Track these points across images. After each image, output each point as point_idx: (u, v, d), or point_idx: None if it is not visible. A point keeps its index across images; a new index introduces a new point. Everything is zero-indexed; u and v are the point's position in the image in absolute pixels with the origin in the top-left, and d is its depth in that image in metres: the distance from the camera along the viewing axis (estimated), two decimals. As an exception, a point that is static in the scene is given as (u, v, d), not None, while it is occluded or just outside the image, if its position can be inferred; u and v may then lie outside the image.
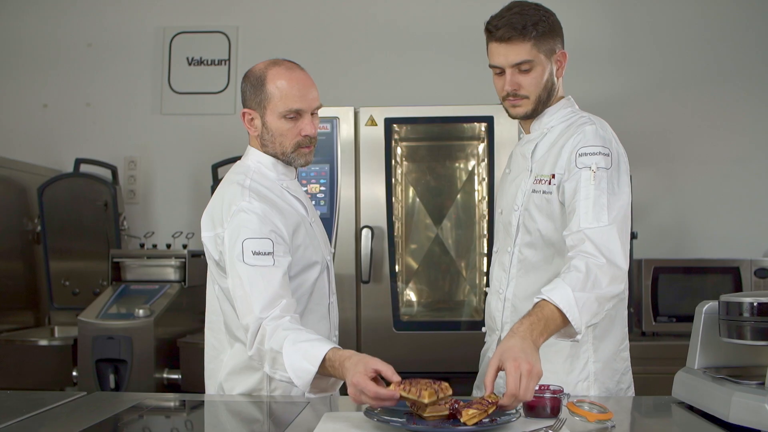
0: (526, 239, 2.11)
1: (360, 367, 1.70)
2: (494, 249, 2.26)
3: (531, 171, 2.12)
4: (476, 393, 2.30)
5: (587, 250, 1.91)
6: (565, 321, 1.83)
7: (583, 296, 1.84)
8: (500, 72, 2.10)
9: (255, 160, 2.13)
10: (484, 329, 2.34)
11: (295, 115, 2.05)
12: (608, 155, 2.00)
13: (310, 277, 2.10)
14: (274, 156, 2.11)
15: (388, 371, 1.69)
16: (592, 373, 2.08)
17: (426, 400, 1.60)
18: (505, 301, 2.14)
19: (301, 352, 1.82)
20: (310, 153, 2.12)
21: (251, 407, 2.00)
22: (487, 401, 1.66)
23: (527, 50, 2.04)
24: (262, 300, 1.91)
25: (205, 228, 2.07)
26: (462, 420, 1.59)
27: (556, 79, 2.12)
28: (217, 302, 2.13)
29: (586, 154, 1.99)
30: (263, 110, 2.07)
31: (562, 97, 2.17)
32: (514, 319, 2.11)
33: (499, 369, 1.71)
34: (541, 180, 2.08)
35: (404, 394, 1.63)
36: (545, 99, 2.11)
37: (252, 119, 2.10)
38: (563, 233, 1.98)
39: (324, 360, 1.79)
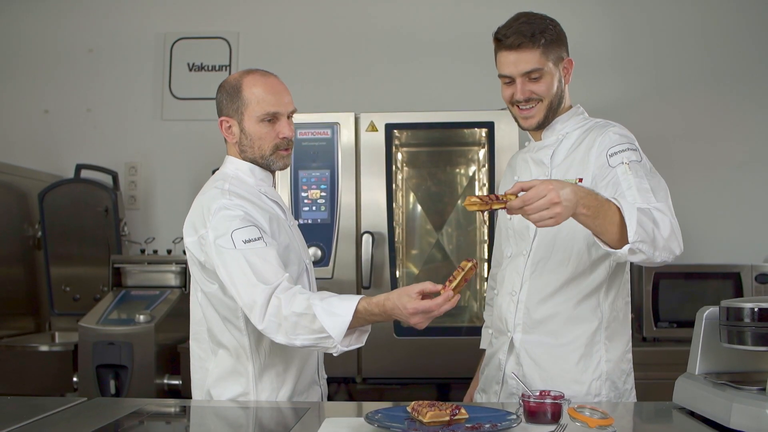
0: (544, 242, 2.12)
1: (405, 298, 1.82)
2: (506, 254, 2.26)
3: (551, 177, 2.13)
4: (480, 397, 2.29)
5: (652, 206, 1.91)
6: (619, 226, 1.80)
7: (644, 219, 1.82)
8: (509, 81, 2.11)
9: (233, 167, 2.17)
10: (489, 330, 2.34)
11: (272, 118, 2.11)
12: (636, 150, 2.05)
13: (290, 274, 2.09)
14: (253, 161, 2.15)
15: (428, 285, 1.83)
16: (605, 372, 2.11)
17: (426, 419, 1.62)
18: (518, 303, 2.16)
19: (332, 306, 1.86)
20: (287, 156, 2.17)
21: (249, 413, 1.99)
22: (496, 197, 1.71)
23: (537, 58, 2.07)
24: (265, 273, 1.93)
25: (187, 234, 2.09)
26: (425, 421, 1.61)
27: (564, 86, 2.15)
28: (200, 311, 2.14)
29: (616, 153, 2.03)
30: (240, 116, 2.12)
31: (571, 106, 2.19)
32: (527, 320, 2.13)
33: (529, 188, 1.73)
34: None
35: (454, 287, 1.80)
36: (556, 106, 2.14)
37: (230, 127, 2.15)
38: None
39: (357, 311, 1.85)
